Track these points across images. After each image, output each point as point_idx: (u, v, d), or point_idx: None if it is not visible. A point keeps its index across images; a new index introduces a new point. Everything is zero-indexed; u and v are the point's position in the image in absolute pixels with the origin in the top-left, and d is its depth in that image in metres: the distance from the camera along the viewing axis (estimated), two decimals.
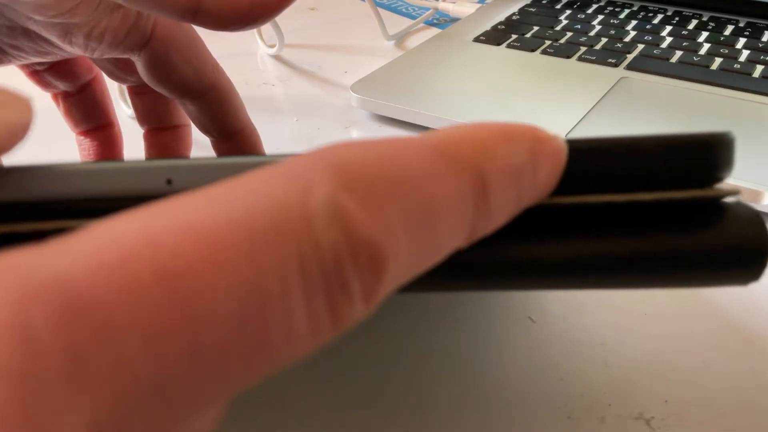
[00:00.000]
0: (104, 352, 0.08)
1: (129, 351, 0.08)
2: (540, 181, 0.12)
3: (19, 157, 0.30)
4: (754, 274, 0.13)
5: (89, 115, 0.28)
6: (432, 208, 0.10)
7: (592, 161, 0.13)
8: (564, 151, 0.13)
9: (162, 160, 0.13)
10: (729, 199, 0.14)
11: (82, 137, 0.29)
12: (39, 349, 0.07)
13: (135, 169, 0.13)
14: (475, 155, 0.11)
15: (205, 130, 0.27)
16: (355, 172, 0.10)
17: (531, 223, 0.13)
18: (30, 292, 0.08)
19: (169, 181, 0.13)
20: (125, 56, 0.24)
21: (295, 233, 0.09)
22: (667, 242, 0.13)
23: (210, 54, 0.26)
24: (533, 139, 0.12)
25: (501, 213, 0.12)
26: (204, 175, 0.13)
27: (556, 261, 0.13)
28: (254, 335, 0.09)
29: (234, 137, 0.27)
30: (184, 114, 0.28)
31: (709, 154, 0.14)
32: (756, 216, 0.14)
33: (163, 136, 0.28)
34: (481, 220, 0.11)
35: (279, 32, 0.46)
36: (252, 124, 0.27)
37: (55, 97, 0.28)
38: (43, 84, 0.27)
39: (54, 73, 0.27)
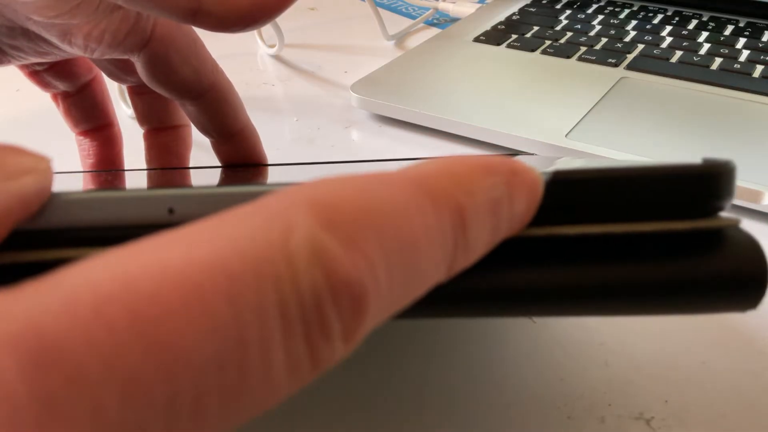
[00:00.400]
0: (77, 401, 0.08)
1: (103, 399, 0.08)
2: (517, 214, 0.12)
3: None
4: (752, 303, 0.13)
5: (89, 115, 0.28)
6: (412, 245, 0.10)
7: (591, 191, 0.13)
8: (540, 183, 0.13)
9: (164, 189, 0.13)
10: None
11: (81, 137, 0.29)
12: (10, 395, 0.07)
13: (137, 198, 0.13)
14: (455, 190, 0.11)
15: (204, 130, 0.27)
16: (335, 211, 0.10)
17: (509, 253, 0.13)
18: (1, 337, 0.07)
19: (171, 210, 0.13)
20: (125, 57, 0.24)
21: (274, 275, 0.09)
22: (662, 271, 0.13)
23: (209, 54, 0.26)
24: (510, 172, 0.12)
25: (479, 246, 0.12)
26: (206, 205, 0.13)
27: (532, 289, 0.13)
28: (233, 381, 0.09)
29: (233, 137, 0.27)
30: (184, 114, 0.28)
31: (709, 184, 0.14)
32: (754, 244, 0.14)
33: (163, 136, 0.28)
34: (460, 254, 0.11)
35: (279, 32, 0.46)
36: (252, 124, 0.27)
37: (55, 97, 0.28)
38: (43, 84, 0.27)
39: (54, 73, 0.27)
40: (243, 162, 0.27)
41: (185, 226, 0.10)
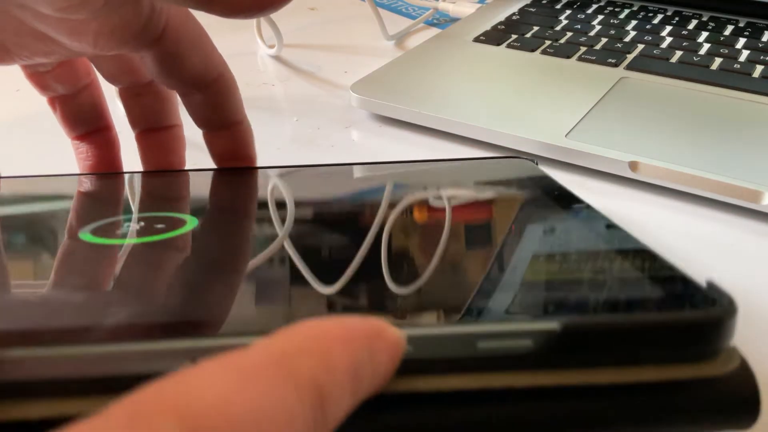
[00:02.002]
0: None
1: None
2: (379, 373, 0.13)
3: (10, 169, 0.30)
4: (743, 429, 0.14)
5: (86, 118, 0.28)
6: None
7: (597, 340, 0.14)
8: (402, 342, 0.13)
9: (186, 339, 0.13)
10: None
11: (78, 142, 0.29)
12: None
13: (156, 351, 0.13)
14: (316, 370, 0.12)
15: (203, 121, 0.27)
16: (198, 418, 0.10)
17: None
18: None
19: (194, 361, 0.13)
20: (135, 53, 0.24)
21: None
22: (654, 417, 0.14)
23: (215, 46, 0.26)
24: (373, 336, 0.13)
25: (339, 412, 0.12)
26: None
27: None
28: None
29: (230, 129, 0.27)
30: (177, 113, 0.28)
31: (710, 331, 0.14)
32: (747, 374, 0.14)
33: (158, 137, 0.28)
34: (319, 428, 0.12)
35: (278, 33, 0.46)
36: (247, 117, 0.28)
37: (52, 101, 0.28)
38: (43, 86, 0.27)
39: (55, 75, 0.27)
40: (234, 156, 0.27)
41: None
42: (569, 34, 0.45)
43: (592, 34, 0.46)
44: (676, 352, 0.14)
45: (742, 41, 0.44)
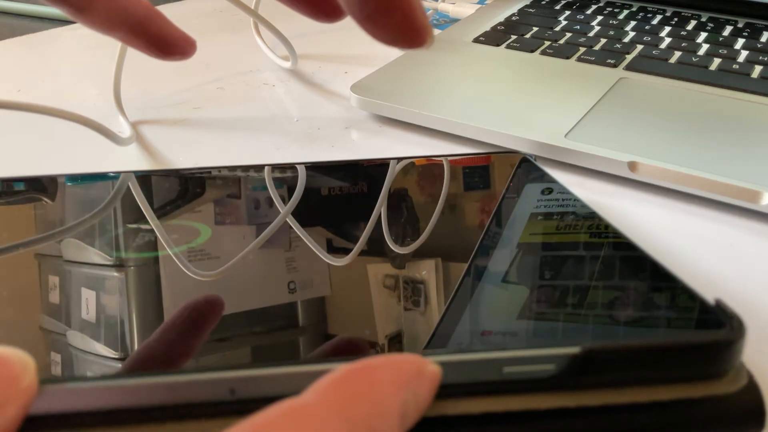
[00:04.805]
0: None
1: None
2: (422, 405, 0.14)
3: (11, 170, 0.30)
4: None
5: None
6: None
7: (615, 363, 0.15)
8: (439, 375, 0.14)
9: (226, 371, 0.14)
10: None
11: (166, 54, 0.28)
12: None
13: (201, 381, 0.14)
14: (370, 417, 0.13)
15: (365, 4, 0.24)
16: None
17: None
18: None
19: (232, 391, 0.14)
20: None
21: None
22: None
23: None
24: (416, 376, 0.14)
25: None
26: (264, 385, 0.14)
27: None
28: None
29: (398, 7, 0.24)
30: None
31: (716, 353, 0.15)
32: (756, 396, 0.15)
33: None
34: None
35: (291, 49, 0.45)
36: None
37: (127, 40, 0.28)
38: (109, 26, 0.27)
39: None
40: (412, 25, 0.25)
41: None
42: (568, 34, 0.46)
43: (591, 34, 0.46)
44: (688, 372, 0.15)
45: (740, 42, 0.44)
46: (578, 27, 0.47)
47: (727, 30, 0.46)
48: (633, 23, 0.48)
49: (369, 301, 0.21)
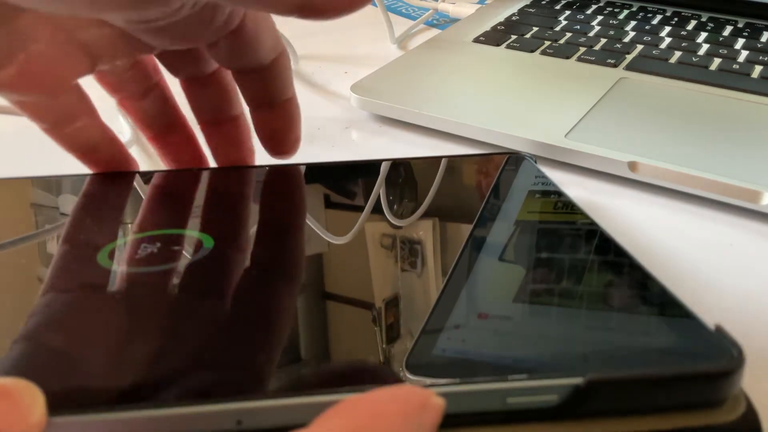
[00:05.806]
0: None
1: None
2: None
3: (13, 170, 0.30)
4: None
5: (159, 116, 0.28)
6: None
7: (617, 392, 0.15)
8: (442, 407, 0.15)
9: (233, 402, 0.14)
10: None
11: (156, 142, 0.29)
12: None
13: (208, 413, 0.14)
14: None
15: (256, 101, 0.26)
16: None
17: None
18: None
19: (239, 422, 0.14)
20: (213, 40, 0.24)
21: None
22: None
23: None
24: (420, 409, 0.14)
25: None
26: (271, 416, 0.14)
27: None
28: None
29: (282, 105, 0.27)
30: (239, 103, 0.28)
31: (716, 383, 0.15)
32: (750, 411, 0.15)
33: (225, 128, 0.28)
34: None
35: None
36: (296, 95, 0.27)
37: (124, 103, 0.28)
38: (115, 88, 0.27)
39: (128, 75, 0.27)
40: (282, 131, 0.27)
41: None
42: (568, 34, 0.46)
43: (591, 34, 0.46)
44: (689, 400, 0.15)
45: (741, 42, 0.44)
46: (578, 27, 0.47)
47: (727, 30, 0.46)
48: (633, 23, 0.48)
49: (366, 259, 0.22)
